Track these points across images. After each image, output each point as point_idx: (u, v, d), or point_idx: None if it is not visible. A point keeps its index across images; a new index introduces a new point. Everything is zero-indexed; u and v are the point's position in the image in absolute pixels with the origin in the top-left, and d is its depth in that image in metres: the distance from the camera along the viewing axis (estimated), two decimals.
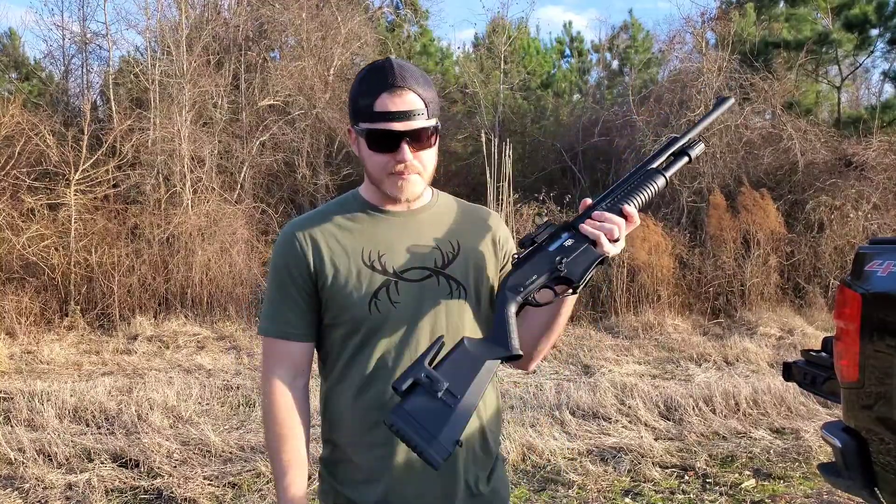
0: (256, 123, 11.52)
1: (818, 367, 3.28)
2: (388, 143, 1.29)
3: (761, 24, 13.41)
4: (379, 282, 1.34)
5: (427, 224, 1.42)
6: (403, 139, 1.28)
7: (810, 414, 5.00)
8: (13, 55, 14.59)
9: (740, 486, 3.83)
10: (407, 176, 1.32)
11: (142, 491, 3.79)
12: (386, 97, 1.27)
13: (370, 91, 1.29)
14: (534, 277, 1.30)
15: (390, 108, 1.27)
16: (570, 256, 1.29)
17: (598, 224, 1.29)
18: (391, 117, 1.27)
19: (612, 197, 1.34)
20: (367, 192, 1.42)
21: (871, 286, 2.50)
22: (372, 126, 1.29)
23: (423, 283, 1.36)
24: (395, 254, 1.36)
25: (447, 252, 1.40)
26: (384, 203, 1.40)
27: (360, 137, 1.34)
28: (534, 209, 9.72)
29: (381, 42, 14.19)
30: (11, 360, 7.06)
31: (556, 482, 3.90)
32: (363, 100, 1.30)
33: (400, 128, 1.28)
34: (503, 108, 14.00)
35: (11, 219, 8.88)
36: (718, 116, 1.47)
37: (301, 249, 1.35)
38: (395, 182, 1.33)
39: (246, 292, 9.12)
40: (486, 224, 1.50)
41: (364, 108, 1.30)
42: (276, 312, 1.37)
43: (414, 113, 1.28)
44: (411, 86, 1.29)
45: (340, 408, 1.38)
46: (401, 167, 1.31)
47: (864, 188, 9.79)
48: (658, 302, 8.92)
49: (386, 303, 1.33)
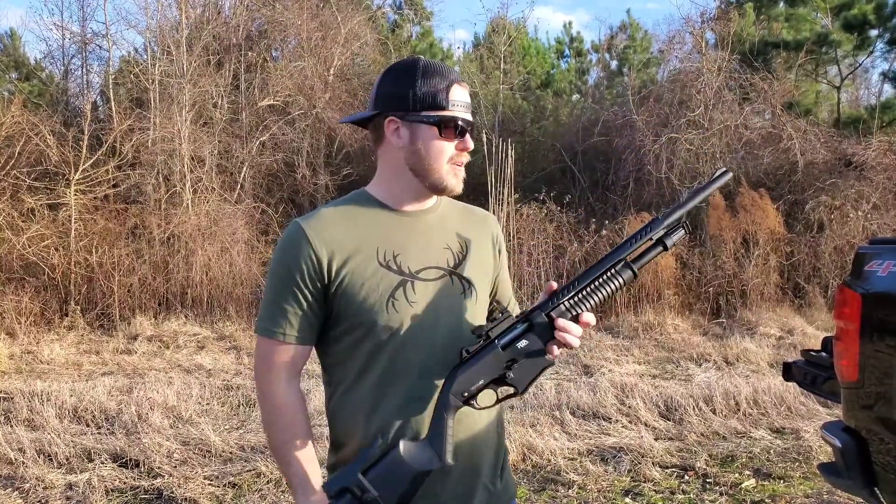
0: (256, 123, 11.52)
1: (818, 367, 3.28)
2: (460, 131, 1.35)
3: (761, 24, 13.41)
4: (395, 282, 1.33)
5: (436, 225, 1.43)
6: (469, 130, 1.36)
7: (810, 414, 5.00)
8: (13, 55, 14.59)
9: (740, 486, 3.83)
10: (461, 168, 1.38)
11: (142, 491, 3.79)
12: (457, 88, 1.35)
13: (441, 80, 1.34)
14: (480, 382, 1.28)
15: (463, 99, 1.35)
16: (519, 361, 1.28)
17: (560, 335, 1.28)
18: (465, 108, 1.35)
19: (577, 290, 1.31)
20: (381, 191, 1.41)
21: (871, 286, 2.50)
22: (449, 114, 1.33)
23: (438, 282, 1.37)
24: (410, 254, 1.36)
25: (458, 252, 1.42)
26: (397, 203, 1.40)
27: (420, 125, 1.34)
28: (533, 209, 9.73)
29: (382, 42, 14.19)
30: (11, 360, 7.07)
31: (556, 482, 3.90)
32: (428, 88, 1.33)
33: (469, 118, 1.36)
34: (503, 108, 13.99)
35: (11, 219, 8.88)
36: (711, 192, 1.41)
37: (313, 249, 1.31)
38: (454, 171, 1.37)
39: (246, 292, 9.12)
40: (485, 224, 1.53)
41: (432, 96, 1.33)
42: (278, 313, 1.34)
43: (471, 108, 1.38)
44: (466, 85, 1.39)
45: (355, 412, 1.36)
46: (464, 156, 1.37)
47: (863, 188, 9.79)
48: (658, 302, 8.93)
49: (403, 303, 1.33)
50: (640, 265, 1.33)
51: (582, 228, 9.84)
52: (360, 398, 1.35)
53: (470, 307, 1.40)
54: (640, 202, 10.86)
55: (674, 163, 10.84)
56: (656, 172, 10.85)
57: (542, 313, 1.29)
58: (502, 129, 13.18)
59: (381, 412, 1.33)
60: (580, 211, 10.45)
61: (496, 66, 14.50)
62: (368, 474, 1.21)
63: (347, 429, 1.37)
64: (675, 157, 10.83)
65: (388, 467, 1.23)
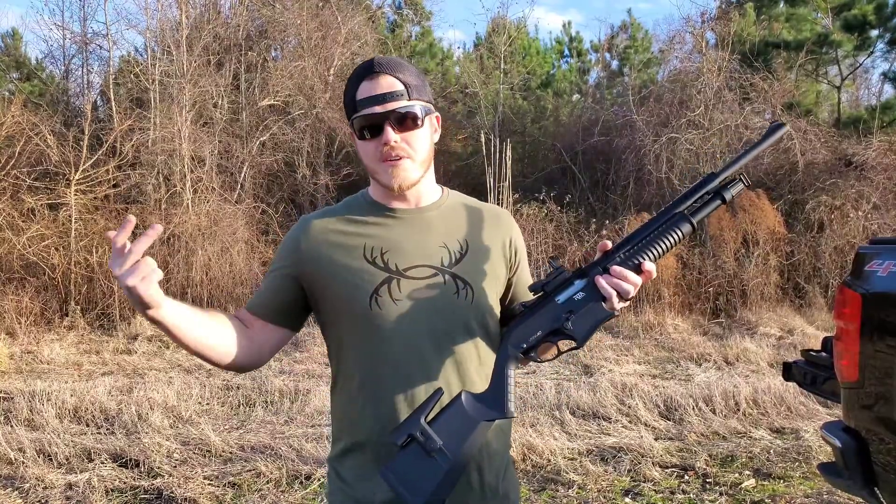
0: (256, 123, 11.52)
1: (818, 367, 3.28)
2: (372, 128, 1.31)
3: (761, 24, 13.41)
4: (380, 279, 1.33)
5: (435, 222, 1.40)
6: (385, 121, 1.30)
7: (810, 414, 5.00)
8: (14, 55, 14.59)
9: (740, 486, 3.83)
10: (397, 162, 1.32)
11: (142, 491, 3.79)
12: (364, 84, 1.32)
13: (352, 85, 1.35)
14: (538, 333, 1.27)
15: (368, 94, 1.31)
16: (577, 312, 1.26)
17: (615, 282, 1.24)
18: (370, 102, 1.31)
19: (633, 244, 1.27)
20: (374, 191, 1.43)
21: (871, 286, 2.50)
22: (356, 115, 1.33)
23: (427, 280, 1.35)
24: (400, 251, 1.35)
25: (455, 251, 1.38)
26: (391, 201, 1.40)
27: (352, 133, 1.37)
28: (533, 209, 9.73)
29: (382, 42, 14.19)
30: (11, 359, 7.06)
31: (556, 482, 3.90)
32: (347, 94, 1.36)
33: (379, 110, 1.30)
34: (503, 108, 13.99)
35: (12, 219, 8.88)
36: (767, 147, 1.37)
37: (301, 243, 1.38)
38: (386, 169, 1.33)
39: (246, 292, 9.12)
40: (498, 223, 1.48)
41: (349, 102, 1.35)
42: (258, 291, 1.42)
43: (393, 94, 1.31)
44: (388, 71, 1.32)
45: (347, 406, 1.38)
46: (387, 149, 1.31)
47: (863, 188, 9.80)
48: (658, 302, 8.93)
49: (387, 300, 1.32)
50: (698, 218, 1.30)
51: (582, 228, 9.85)
52: (350, 390, 1.37)
53: (464, 307, 1.36)
54: (641, 202, 10.87)
55: (674, 163, 10.84)
56: (656, 172, 10.85)
57: (600, 267, 1.26)
58: (502, 129, 13.19)
59: (368, 406, 1.34)
60: (580, 211, 10.46)
61: (496, 66, 14.51)
62: (433, 424, 1.21)
63: (342, 419, 1.40)
64: (676, 157, 10.83)
65: (452, 417, 1.22)
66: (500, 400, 1.24)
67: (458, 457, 1.20)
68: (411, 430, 1.20)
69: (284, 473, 3.93)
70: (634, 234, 1.29)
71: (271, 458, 4.14)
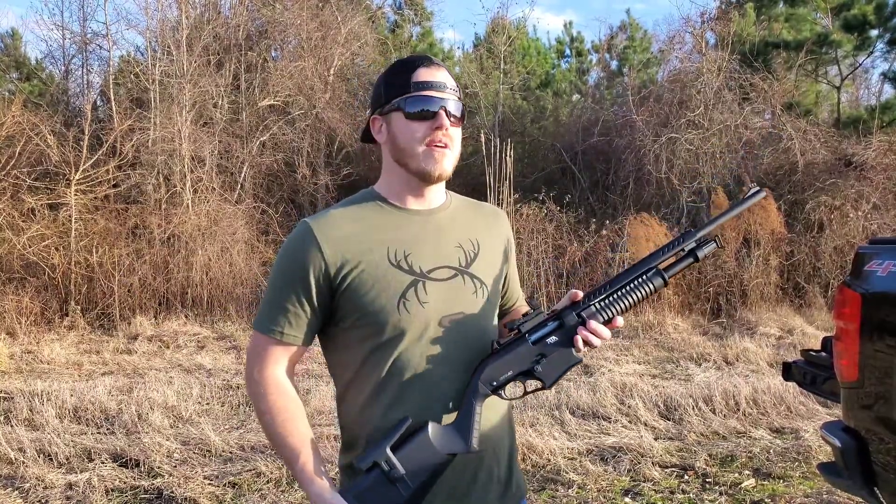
0: (256, 123, 11.52)
1: (818, 367, 3.28)
2: (428, 111, 1.31)
3: (761, 24, 13.41)
4: (407, 282, 1.31)
5: (446, 223, 1.40)
6: (442, 107, 1.31)
7: (810, 414, 5.00)
8: (14, 55, 14.59)
9: (740, 486, 3.83)
10: (442, 149, 1.32)
11: (142, 491, 3.79)
12: (423, 70, 1.32)
13: (406, 69, 1.33)
14: (509, 373, 1.31)
15: (429, 78, 1.31)
16: (548, 356, 1.31)
17: (586, 335, 1.30)
18: (431, 86, 1.31)
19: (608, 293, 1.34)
20: (386, 189, 1.40)
21: (870, 286, 2.50)
22: (411, 94, 1.31)
23: (450, 282, 1.35)
24: (421, 253, 1.34)
25: (469, 251, 1.40)
26: (405, 200, 1.38)
27: (390, 115, 1.33)
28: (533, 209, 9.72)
29: (382, 42, 14.19)
30: (11, 359, 7.07)
31: (556, 482, 3.90)
32: (397, 78, 1.33)
33: (439, 96, 1.31)
34: (503, 108, 13.99)
35: (12, 219, 8.88)
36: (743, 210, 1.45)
37: (321, 251, 1.29)
38: (430, 154, 1.31)
39: (246, 292, 9.12)
40: (498, 222, 1.52)
41: (400, 84, 1.32)
42: (279, 312, 1.31)
43: (449, 86, 1.33)
44: (444, 66, 1.36)
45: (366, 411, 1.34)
46: (439, 134, 1.30)
47: (863, 188, 9.80)
48: (658, 302, 8.93)
49: (415, 303, 1.30)
50: (670, 274, 1.36)
51: (582, 228, 9.85)
52: (371, 397, 1.33)
53: (482, 306, 1.38)
54: (640, 202, 10.87)
55: (674, 163, 10.84)
56: (656, 172, 10.85)
57: (574, 313, 1.32)
58: (502, 129, 13.18)
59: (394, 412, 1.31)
60: (580, 211, 10.45)
61: (496, 66, 14.50)
62: (397, 452, 1.24)
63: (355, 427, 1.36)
64: (675, 157, 10.83)
65: (417, 447, 1.25)
66: (466, 435, 1.28)
67: (418, 487, 1.24)
68: (376, 458, 1.23)
69: (284, 473, 3.93)
70: (611, 282, 1.35)
71: (271, 458, 4.14)
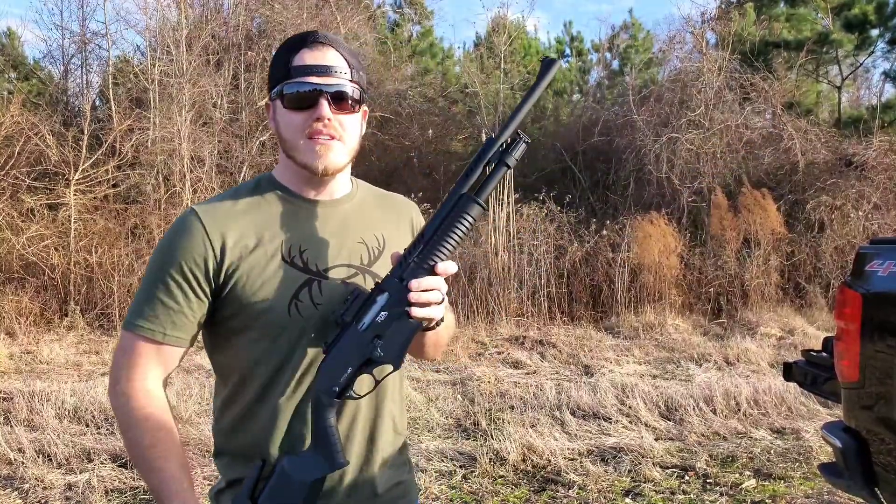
0: (256, 123, 11.52)
1: (819, 368, 3.27)
2: (306, 100, 1.17)
3: (761, 23, 13.40)
4: (300, 281, 1.19)
5: (351, 216, 1.29)
6: (323, 95, 1.17)
7: (811, 414, 4.99)
8: (12, 55, 14.57)
9: (741, 487, 3.82)
10: (327, 141, 1.19)
11: (142, 491, 3.78)
12: (305, 52, 1.19)
13: (288, 50, 1.20)
14: (347, 371, 1.14)
15: (309, 62, 1.18)
16: (384, 336, 1.14)
17: (415, 296, 1.13)
18: (310, 71, 1.17)
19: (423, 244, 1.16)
20: (284, 175, 1.26)
21: (871, 286, 2.50)
22: (289, 80, 1.18)
23: (348, 282, 1.23)
24: (318, 249, 1.22)
25: (373, 248, 1.28)
26: (303, 189, 1.25)
27: (276, 102, 1.21)
28: (533, 209, 9.72)
29: (381, 41, 14.19)
30: (11, 360, 7.06)
31: (557, 482, 3.89)
32: (280, 60, 1.20)
33: (319, 82, 1.17)
34: (503, 107, 13.99)
35: (11, 219, 8.88)
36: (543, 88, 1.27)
37: (208, 239, 1.16)
38: (311, 147, 1.18)
39: None
40: (408, 215, 1.40)
41: (281, 68, 1.19)
42: (152, 307, 1.18)
43: (335, 69, 1.19)
44: (333, 45, 1.21)
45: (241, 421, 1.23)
46: (319, 125, 1.17)
47: (864, 188, 9.80)
48: (659, 302, 8.92)
49: (308, 304, 1.19)
50: (484, 196, 1.18)
51: (582, 228, 9.84)
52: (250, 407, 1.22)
53: None
54: (641, 202, 10.86)
55: (674, 163, 10.83)
56: (657, 172, 10.84)
57: (395, 278, 1.16)
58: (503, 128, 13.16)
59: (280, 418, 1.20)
60: (580, 211, 10.44)
61: (496, 65, 14.50)
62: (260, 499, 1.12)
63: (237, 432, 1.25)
64: (676, 156, 10.83)
65: (277, 485, 1.13)
66: (329, 452, 1.14)
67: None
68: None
69: None
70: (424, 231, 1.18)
71: None
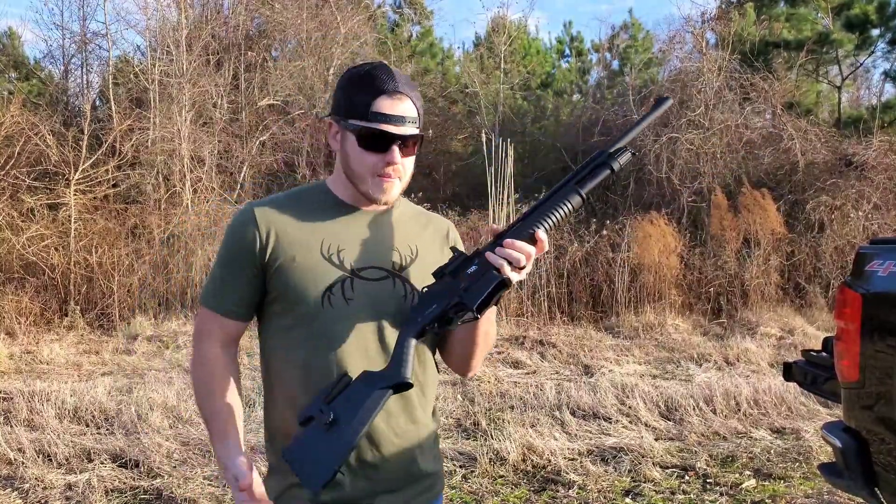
0: (256, 123, 11.52)
1: (819, 368, 3.27)
2: (382, 145, 1.33)
3: (761, 23, 13.39)
4: (335, 276, 1.35)
5: (389, 225, 1.45)
6: (396, 142, 1.33)
7: (811, 414, 5.00)
8: (13, 55, 14.57)
9: (741, 487, 3.83)
10: (392, 179, 1.36)
11: (142, 491, 3.78)
12: (386, 100, 1.32)
13: (369, 91, 1.33)
14: (434, 306, 1.32)
15: (388, 111, 1.32)
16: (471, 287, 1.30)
17: (505, 252, 1.27)
18: (389, 120, 1.32)
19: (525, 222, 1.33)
20: (337, 187, 1.44)
21: (871, 286, 2.50)
22: (368, 125, 1.33)
23: (379, 283, 1.38)
24: (355, 251, 1.38)
25: (406, 255, 1.43)
26: (353, 200, 1.42)
27: (347, 133, 1.37)
28: None
29: (381, 42, 14.19)
30: (11, 360, 7.06)
31: (557, 482, 3.89)
32: (359, 98, 1.34)
33: (395, 131, 1.33)
34: (503, 107, 13.99)
35: (11, 219, 8.88)
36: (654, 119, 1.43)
37: (256, 232, 1.36)
38: (379, 184, 1.36)
39: None
40: (445, 234, 1.54)
41: (360, 107, 1.33)
42: (220, 288, 1.40)
43: (408, 120, 1.34)
44: (408, 94, 1.35)
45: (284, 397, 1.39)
46: (389, 169, 1.35)
47: (864, 188, 9.79)
48: (659, 302, 8.92)
49: (340, 298, 1.35)
50: (587, 189, 1.34)
51: (582, 228, 9.83)
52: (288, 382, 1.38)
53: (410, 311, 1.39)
54: (641, 202, 10.86)
55: (674, 163, 10.83)
56: (657, 172, 10.84)
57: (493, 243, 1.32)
58: (502, 129, 13.17)
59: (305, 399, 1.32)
60: (580, 211, 10.44)
61: (496, 65, 14.50)
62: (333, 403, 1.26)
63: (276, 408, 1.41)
64: (676, 156, 10.82)
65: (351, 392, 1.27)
66: (398, 368, 1.28)
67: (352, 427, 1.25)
68: (311, 412, 1.26)
69: None
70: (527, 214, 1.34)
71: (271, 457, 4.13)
